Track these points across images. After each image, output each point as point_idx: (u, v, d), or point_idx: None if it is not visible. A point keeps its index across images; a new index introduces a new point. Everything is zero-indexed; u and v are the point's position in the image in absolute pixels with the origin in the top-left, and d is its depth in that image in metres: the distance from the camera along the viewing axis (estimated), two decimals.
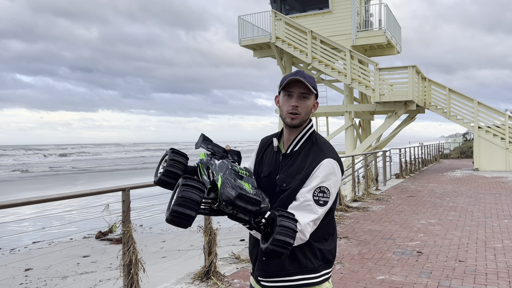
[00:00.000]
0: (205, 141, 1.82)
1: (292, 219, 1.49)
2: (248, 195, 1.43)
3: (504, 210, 8.34)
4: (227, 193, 1.44)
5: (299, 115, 1.73)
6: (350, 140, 17.79)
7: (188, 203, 1.40)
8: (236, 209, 1.44)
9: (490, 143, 17.51)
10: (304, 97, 1.73)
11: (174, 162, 1.69)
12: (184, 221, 1.41)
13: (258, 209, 1.46)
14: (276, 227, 1.45)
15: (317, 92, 1.77)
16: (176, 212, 1.39)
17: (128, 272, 3.59)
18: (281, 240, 1.44)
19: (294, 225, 1.48)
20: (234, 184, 1.48)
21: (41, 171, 37.17)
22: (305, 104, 1.73)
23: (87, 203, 13.50)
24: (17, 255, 8.62)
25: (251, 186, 1.53)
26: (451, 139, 48.19)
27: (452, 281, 4.27)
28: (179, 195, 1.41)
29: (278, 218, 1.47)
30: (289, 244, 1.45)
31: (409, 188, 12.22)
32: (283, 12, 19.06)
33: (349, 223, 7.28)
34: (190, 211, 1.40)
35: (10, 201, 2.99)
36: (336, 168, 1.70)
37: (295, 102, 1.72)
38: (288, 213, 1.52)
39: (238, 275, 4.54)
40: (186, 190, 1.42)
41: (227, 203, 1.44)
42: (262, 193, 1.54)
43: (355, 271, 4.63)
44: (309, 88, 1.71)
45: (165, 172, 1.67)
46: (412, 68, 16.06)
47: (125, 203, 3.65)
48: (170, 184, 1.69)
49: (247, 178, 1.61)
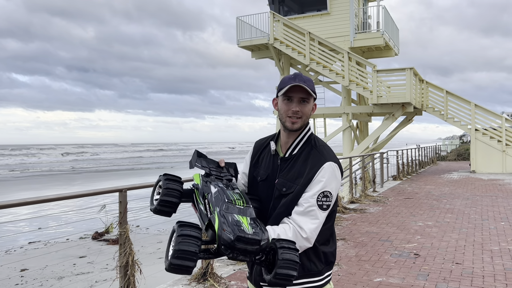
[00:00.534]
0: (200, 158, 1.77)
1: (293, 250, 1.46)
2: (247, 237, 1.38)
3: (500, 212, 8.36)
4: (226, 237, 1.39)
5: (300, 119, 1.72)
6: (347, 141, 17.81)
7: (186, 254, 1.37)
8: (236, 252, 1.40)
9: (487, 146, 17.57)
10: (304, 101, 1.71)
11: (169, 190, 1.65)
12: (184, 271, 1.39)
13: (258, 248, 1.41)
14: (278, 261, 1.42)
15: (316, 95, 1.75)
16: (175, 265, 1.38)
17: (125, 273, 3.57)
18: (284, 274, 1.41)
19: (296, 256, 1.45)
20: (231, 223, 1.43)
21: (39, 171, 37.05)
22: (306, 108, 1.72)
23: (84, 203, 13.45)
24: (13, 255, 8.57)
25: (249, 221, 1.48)
26: (448, 141, 48.31)
27: (449, 283, 4.27)
28: (175, 248, 1.38)
29: (280, 251, 1.43)
30: (292, 276, 1.43)
31: (406, 190, 12.24)
32: (282, 13, 19.07)
33: (346, 225, 7.28)
34: (188, 262, 1.38)
35: (6, 201, 2.97)
36: (337, 172, 1.70)
37: (296, 107, 1.71)
38: (289, 242, 1.48)
39: (235, 277, 4.52)
40: (182, 242, 1.38)
41: (226, 247, 1.40)
42: (261, 227, 1.49)
43: (353, 273, 4.63)
44: (309, 92, 1.69)
45: (161, 202, 1.64)
46: (409, 70, 16.09)
47: (122, 204, 3.63)
48: (167, 212, 1.67)
49: (245, 209, 1.55)
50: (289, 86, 1.68)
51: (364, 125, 21.27)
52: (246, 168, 1.90)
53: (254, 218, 1.53)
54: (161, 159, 59.42)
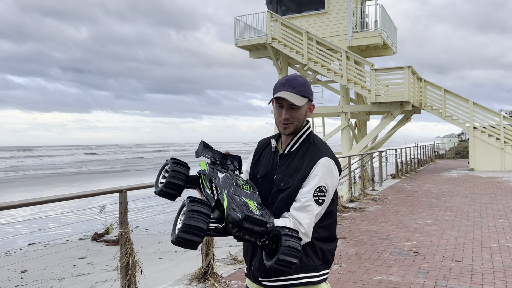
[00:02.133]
0: (206, 149, 1.80)
1: (296, 238, 1.49)
2: (255, 217, 1.42)
3: (499, 210, 8.38)
4: (234, 215, 1.42)
5: (291, 124, 1.74)
6: (346, 140, 17.83)
7: (195, 229, 1.39)
8: (243, 231, 1.43)
9: (485, 143, 17.60)
10: (294, 107, 1.72)
11: (176, 173, 1.66)
12: (190, 246, 1.42)
13: (264, 230, 1.44)
14: (281, 247, 1.44)
15: (310, 96, 1.75)
16: (182, 239, 1.40)
17: (126, 273, 3.57)
18: (286, 260, 1.44)
19: (299, 244, 1.48)
20: (240, 203, 1.46)
21: (38, 172, 36.98)
22: (296, 114, 1.73)
23: (83, 204, 13.45)
24: (13, 257, 8.56)
25: (256, 204, 1.51)
26: (446, 140, 48.38)
27: (449, 281, 4.29)
28: (185, 222, 1.39)
29: (283, 237, 1.46)
30: (293, 264, 1.45)
31: (405, 189, 12.26)
32: (279, 13, 19.08)
33: (346, 223, 7.29)
34: (196, 237, 1.40)
35: (6, 203, 2.97)
36: (334, 167, 1.72)
37: (285, 114, 1.72)
38: (293, 230, 1.52)
39: (235, 276, 4.53)
40: (192, 217, 1.40)
41: (233, 225, 1.42)
42: (267, 211, 1.53)
43: (352, 272, 4.64)
44: (298, 99, 1.69)
45: (168, 184, 1.65)
46: (407, 68, 16.11)
47: (122, 204, 3.63)
48: (172, 195, 1.68)
49: (251, 194, 1.59)
50: (276, 96, 1.70)
51: (363, 124, 21.30)
52: (248, 166, 1.94)
53: (261, 203, 1.57)
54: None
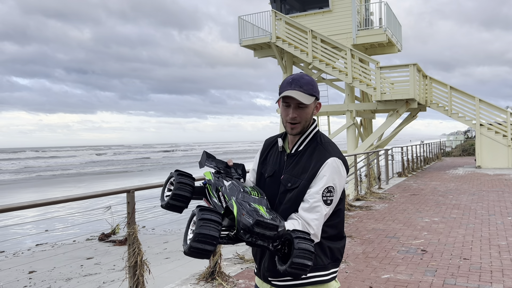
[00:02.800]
0: (209, 159, 1.79)
1: (308, 240, 1.48)
2: (266, 221, 1.40)
3: (507, 207, 8.32)
4: (245, 220, 1.41)
5: (298, 124, 1.73)
6: (351, 139, 17.78)
7: (207, 238, 1.37)
8: (255, 236, 1.41)
9: (492, 141, 17.48)
10: (301, 106, 1.71)
11: (182, 185, 1.66)
12: (203, 255, 1.40)
13: (276, 234, 1.43)
14: (294, 250, 1.43)
15: (317, 94, 1.74)
16: (195, 248, 1.38)
17: (134, 273, 3.58)
18: (300, 263, 1.43)
19: (312, 246, 1.47)
20: (250, 209, 1.45)
21: (47, 173, 37.19)
22: (304, 113, 1.73)
23: (90, 205, 13.51)
24: (21, 257, 8.62)
25: (265, 209, 1.50)
26: (452, 137, 48.12)
27: (457, 279, 4.26)
28: (197, 231, 1.38)
29: (296, 240, 1.45)
30: (307, 266, 1.44)
31: (412, 187, 12.20)
32: (283, 11, 19.05)
33: (353, 222, 7.27)
34: (209, 246, 1.38)
35: (13, 204, 2.98)
36: (341, 167, 1.71)
37: (293, 113, 1.71)
38: (304, 233, 1.51)
39: (243, 275, 4.53)
40: (204, 225, 1.38)
41: (245, 231, 1.41)
42: (277, 215, 1.52)
43: (360, 270, 4.62)
44: (306, 97, 1.69)
45: (174, 196, 1.64)
46: (413, 66, 16.03)
47: (130, 204, 3.64)
48: (179, 207, 1.67)
49: (260, 199, 1.58)
50: (283, 95, 1.69)
51: (368, 122, 21.23)
52: (255, 165, 1.93)
53: (270, 208, 1.56)
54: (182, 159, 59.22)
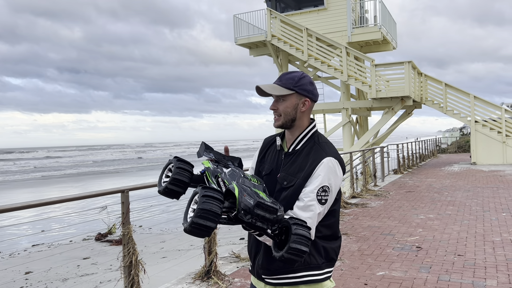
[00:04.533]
0: (207, 150, 1.82)
1: (306, 227, 1.50)
2: (266, 203, 1.43)
3: (502, 203, 8.38)
4: (246, 201, 1.43)
5: (280, 116, 1.78)
6: (347, 136, 17.81)
7: (209, 214, 1.39)
8: (255, 217, 1.43)
9: (487, 137, 17.57)
10: (280, 99, 1.77)
11: (181, 170, 1.67)
12: (204, 232, 1.41)
13: (275, 217, 1.45)
14: (291, 236, 1.45)
15: (300, 90, 1.75)
16: (196, 224, 1.39)
17: (129, 273, 3.59)
18: (297, 249, 1.45)
19: (308, 233, 1.49)
20: (251, 192, 1.47)
21: (44, 173, 37.07)
22: (282, 106, 1.77)
23: (86, 205, 13.49)
24: (17, 258, 8.60)
25: (265, 194, 1.53)
26: (448, 134, 48.28)
27: (451, 275, 4.30)
28: (199, 207, 1.39)
29: (293, 227, 1.48)
30: (304, 252, 1.46)
31: (407, 184, 12.25)
32: (278, 10, 19.04)
33: (348, 219, 7.30)
34: (210, 222, 1.39)
35: (8, 205, 2.98)
36: (337, 167, 1.72)
37: (273, 106, 1.79)
38: (301, 220, 1.54)
39: (238, 274, 4.55)
40: (206, 202, 1.40)
41: (246, 212, 1.42)
42: (276, 201, 1.54)
43: (355, 267, 4.65)
44: (281, 90, 1.74)
45: (172, 181, 1.66)
46: (408, 63, 16.08)
47: (125, 204, 3.65)
48: (176, 193, 1.68)
49: (259, 186, 1.61)
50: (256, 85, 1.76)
51: (364, 119, 21.28)
52: (254, 163, 1.96)
53: (268, 195, 1.58)
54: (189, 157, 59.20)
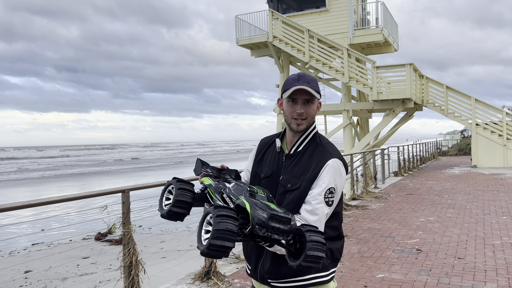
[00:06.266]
0: (204, 166, 1.78)
1: (318, 232, 1.47)
2: (280, 214, 1.40)
3: (502, 206, 8.37)
4: (259, 215, 1.39)
5: (305, 120, 1.74)
6: (348, 138, 17.81)
7: (226, 234, 1.35)
8: (270, 230, 1.40)
9: (488, 140, 17.55)
10: (309, 102, 1.73)
11: (183, 191, 1.63)
12: (222, 253, 1.36)
13: (289, 227, 1.42)
14: (307, 243, 1.42)
15: (320, 94, 1.77)
16: (214, 246, 1.34)
17: (129, 273, 3.59)
18: (314, 255, 1.42)
19: (322, 238, 1.46)
20: (262, 205, 1.44)
21: (45, 173, 37.08)
22: (310, 109, 1.74)
23: (86, 204, 13.48)
24: (17, 257, 8.60)
25: (275, 205, 1.50)
26: (449, 136, 48.26)
27: (451, 278, 4.29)
28: (215, 228, 1.34)
29: (307, 234, 1.45)
30: (321, 258, 1.43)
31: (408, 186, 12.24)
32: (280, 11, 19.06)
33: (348, 221, 7.29)
34: (228, 242, 1.35)
35: (8, 204, 2.98)
36: (342, 168, 1.73)
37: (300, 109, 1.73)
38: (313, 226, 1.51)
39: (238, 275, 4.54)
40: (222, 222, 1.35)
41: (260, 226, 1.39)
42: (287, 210, 1.51)
43: (355, 270, 4.65)
44: (313, 94, 1.71)
45: (176, 203, 1.61)
46: (409, 66, 16.08)
47: (125, 204, 3.65)
48: (181, 215, 1.64)
49: (266, 197, 1.58)
50: (293, 89, 1.69)
51: (365, 121, 21.27)
52: (249, 165, 1.92)
53: (277, 204, 1.57)
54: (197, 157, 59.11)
